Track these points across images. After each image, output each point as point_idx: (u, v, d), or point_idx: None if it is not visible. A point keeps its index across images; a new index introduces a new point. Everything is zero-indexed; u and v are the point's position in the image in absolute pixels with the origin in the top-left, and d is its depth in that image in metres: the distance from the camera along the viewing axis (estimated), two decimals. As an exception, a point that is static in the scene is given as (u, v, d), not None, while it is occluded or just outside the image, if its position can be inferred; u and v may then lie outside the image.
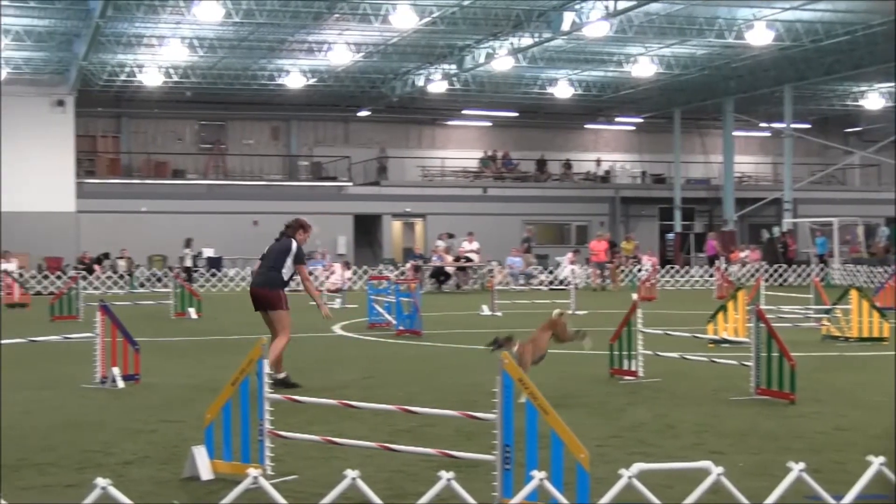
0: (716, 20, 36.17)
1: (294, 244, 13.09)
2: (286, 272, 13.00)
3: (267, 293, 12.80)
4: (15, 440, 9.65)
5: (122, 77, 44.18)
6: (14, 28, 36.47)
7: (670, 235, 52.50)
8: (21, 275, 35.73)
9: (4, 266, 36.03)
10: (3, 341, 14.22)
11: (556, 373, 13.99)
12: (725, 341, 16.40)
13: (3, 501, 5.22)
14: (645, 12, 34.06)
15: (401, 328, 20.23)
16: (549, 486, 5.96)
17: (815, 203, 52.65)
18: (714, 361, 13.60)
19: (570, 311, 25.40)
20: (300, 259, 13.20)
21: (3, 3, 32.30)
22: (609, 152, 58.29)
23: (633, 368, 13.45)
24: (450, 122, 56.00)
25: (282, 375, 12.59)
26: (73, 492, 7.34)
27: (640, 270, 41.26)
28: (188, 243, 39.37)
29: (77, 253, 43.67)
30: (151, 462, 8.64)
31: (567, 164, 56.73)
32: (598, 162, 57.29)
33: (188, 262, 38.95)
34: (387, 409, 8.40)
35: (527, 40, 36.88)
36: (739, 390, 12.10)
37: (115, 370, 13.00)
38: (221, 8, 32.72)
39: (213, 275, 40.51)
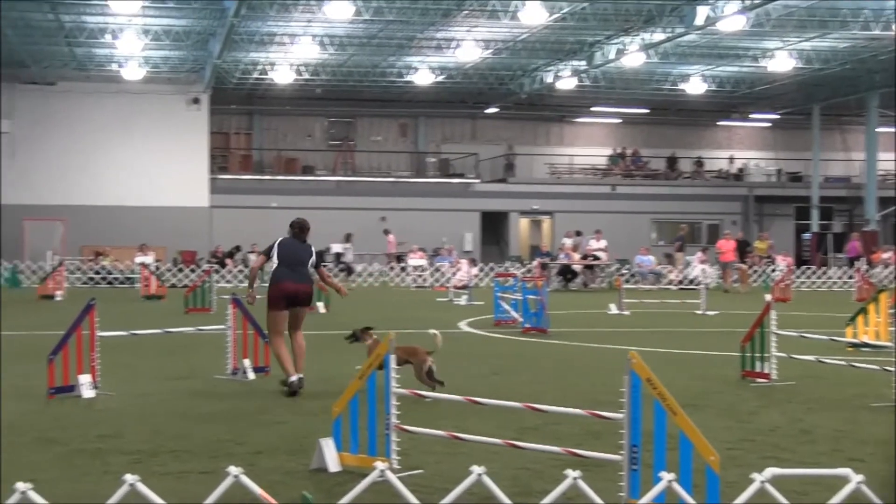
0: (861, 11, 35.01)
1: (314, 249, 12.99)
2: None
3: (310, 290, 12.86)
4: (152, 427, 9.97)
5: (255, 75, 45.08)
6: (153, 28, 37.55)
7: (807, 235, 51.19)
8: (157, 268, 36.80)
9: (142, 259, 37.12)
10: (136, 332, 14.67)
11: (685, 374, 13.82)
12: (866, 345, 15.93)
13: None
14: (784, 5, 33.25)
15: (527, 326, 20.19)
16: (678, 487, 5.89)
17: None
18: (853, 366, 13.15)
19: (699, 312, 25.09)
20: (321, 261, 13.31)
21: (144, 3, 33.27)
22: (743, 149, 57.28)
23: (766, 371, 13.15)
24: (578, 119, 55.65)
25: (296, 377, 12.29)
26: (206, 478, 7.54)
27: (773, 271, 40.41)
28: (348, 238, 39.75)
29: (210, 247, 44.75)
30: (281, 453, 8.80)
31: (699, 162, 55.90)
32: (731, 159, 56.32)
33: (349, 257, 39.32)
34: (513, 407, 8.39)
35: (659, 35, 36.42)
36: (881, 396, 11.68)
37: (246, 362, 13.29)
38: (352, 6, 33.11)
39: (342, 270, 41.00)
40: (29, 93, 45.70)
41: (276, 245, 12.78)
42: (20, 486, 5.01)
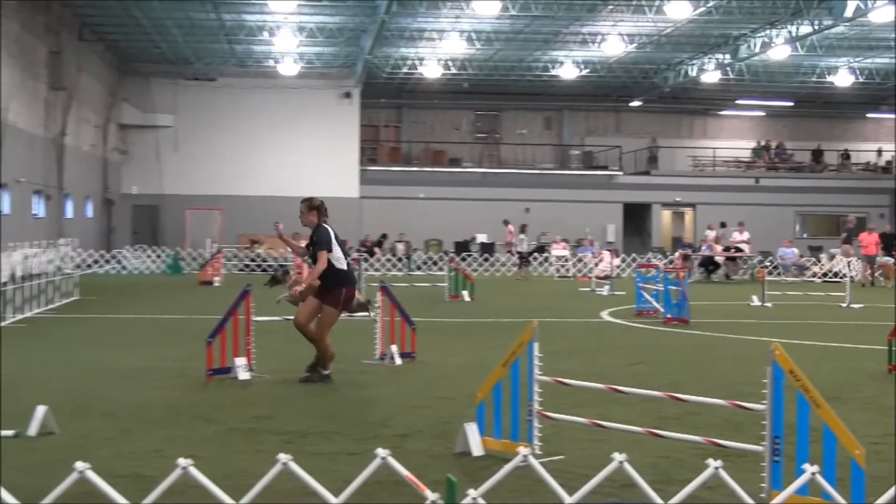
0: None
1: None
2: None
3: None
4: (303, 409, 10.17)
5: (404, 69, 45.49)
6: (308, 25, 38.26)
7: (957, 228, 49.16)
8: (308, 256, 37.40)
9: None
10: (289, 317, 14.95)
11: (829, 367, 13.44)
12: None
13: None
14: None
15: (668, 316, 19.92)
16: (821, 480, 5.72)
17: None
18: None
19: (843, 305, 24.35)
20: None
21: (300, 1, 33.91)
22: (891, 142, 55.34)
23: (914, 365, 12.70)
24: (722, 112, 54.68)
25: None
26: (355, 460, 7.64)
27: (922, 265, 38.90)
28: (523, 229, 40.08)
29: (360, 236, 45.39)
30: (426, 436, 8.86)
31: (845, 155, 54.27)
32: (880, 152, 54.52)
33: (523, 248, 39.55)
34: (654, 396, 8.30)
35: (806, 28, 35.42)
36: None
37: (394, 348, 13.42)
38: (499, 1, 33.12)
39: (486, 259, 41.13)
40: (191, 88, 47.15)
41: (333, 237, 11.79)
42: (181, 461, 5.17)
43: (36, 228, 33.22)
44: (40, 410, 8.84)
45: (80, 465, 5.06)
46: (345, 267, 11.80)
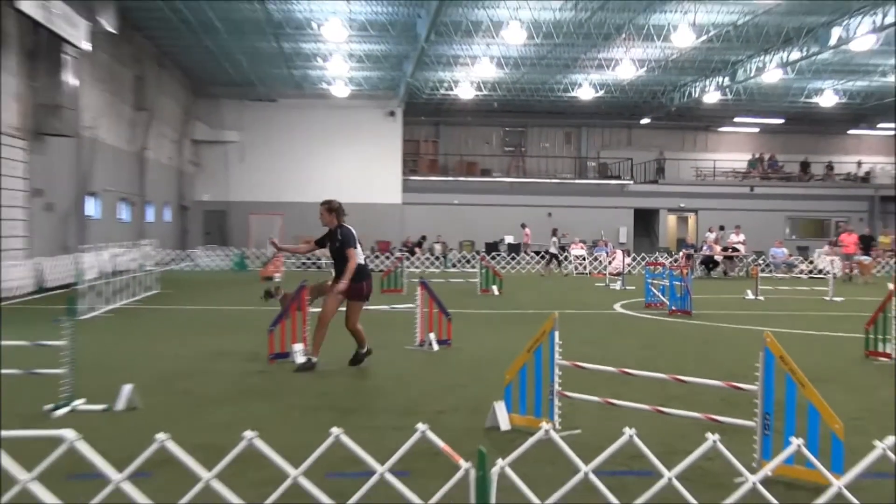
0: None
1: None
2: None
3: None
4: (354, 388, 10.24)
5: (441, 91, 45.49)
6: (357, 52, 38.36)
7: (928, 231, 48.60)
8: (358, 254, 37.44)
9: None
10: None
11: (814, 352, 13.37)
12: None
13: None
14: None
15: (673, 308, 19.85)
16: (805, 451, 5.72)
17: None
18: (970, 349, 12.51)
19: (827, 298, 24.15)
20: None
21: (351, 33, 34.00)
22: (870, 155, 54.89)
23: (889, 351, 12.62)
24: (721, 129, 54.28)
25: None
26: (397, 433, 7.70)
27: (898, 263, 38.50)
28: (554, 233, 39.92)
29: (402, 237, 45.44)
30: (460, 413, 8.90)
31: (829, 166, 53.78)
32: (859, 164, 53.99)
33: (553, 249, 39.35)
34: (660, 378, 8.30)
35: (795, 54, 35.09)
36: None
37: (432, 335, 13.47)
38: (525, 31, 33.06)
39: (513, 258, 41.06)
40: (255, 108, 47.40)
41: (355, 235, 11.62)
42: (247, 434, 5.23)
43: (122, 231, 33.55)
44: (126, 388, 8.97)
45: (160, 435, 5.14)
46: (363, 261, 11.66)
